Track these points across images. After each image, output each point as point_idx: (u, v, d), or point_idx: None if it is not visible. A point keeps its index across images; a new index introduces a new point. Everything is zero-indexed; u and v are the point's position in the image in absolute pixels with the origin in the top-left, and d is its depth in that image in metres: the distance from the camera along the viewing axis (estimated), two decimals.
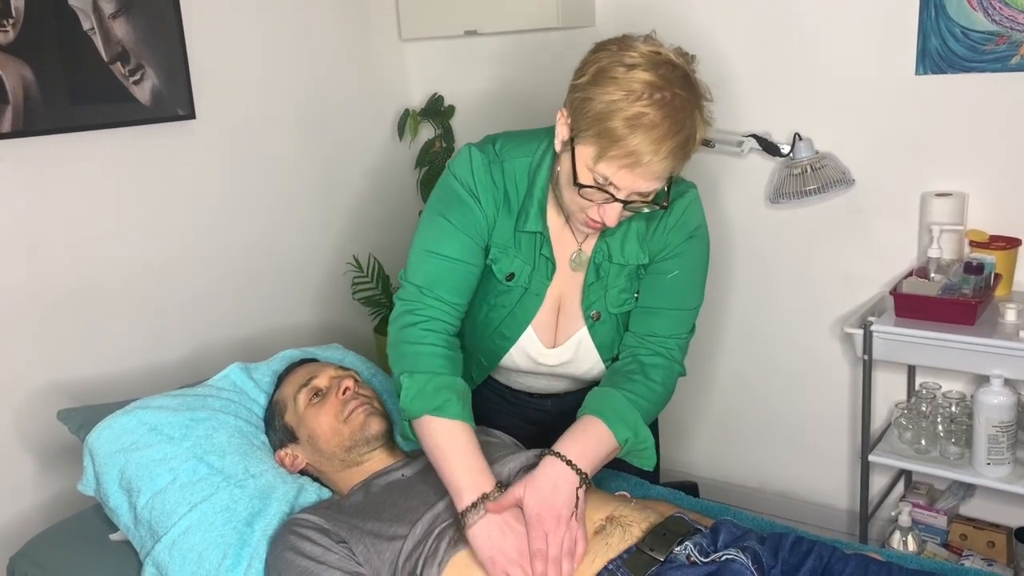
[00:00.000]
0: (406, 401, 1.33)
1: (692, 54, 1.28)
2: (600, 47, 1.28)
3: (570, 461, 1.27)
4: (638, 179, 1.24)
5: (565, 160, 1.31)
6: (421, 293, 1.41)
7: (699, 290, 1.48)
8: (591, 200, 1.29)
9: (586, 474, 1.27)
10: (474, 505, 1.24)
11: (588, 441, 1.31)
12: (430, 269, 1.41)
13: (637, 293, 1.48)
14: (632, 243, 1.43)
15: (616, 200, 1.27)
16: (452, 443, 1.30)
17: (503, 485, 1.29)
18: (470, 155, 1.43)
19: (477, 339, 1.54)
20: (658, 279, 1.46)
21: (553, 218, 1.44)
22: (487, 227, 1.42)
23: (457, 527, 1.27)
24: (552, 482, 1.25)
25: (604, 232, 1.41)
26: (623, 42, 1.27)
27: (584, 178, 1.27)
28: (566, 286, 1.48)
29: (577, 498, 1.24)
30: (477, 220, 1.41)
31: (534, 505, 1.23)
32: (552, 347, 1.50)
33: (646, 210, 1.33)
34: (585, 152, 1.25)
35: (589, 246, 1.46)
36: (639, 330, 1.48)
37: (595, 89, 1.23)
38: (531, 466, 1.36)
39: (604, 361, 1.52)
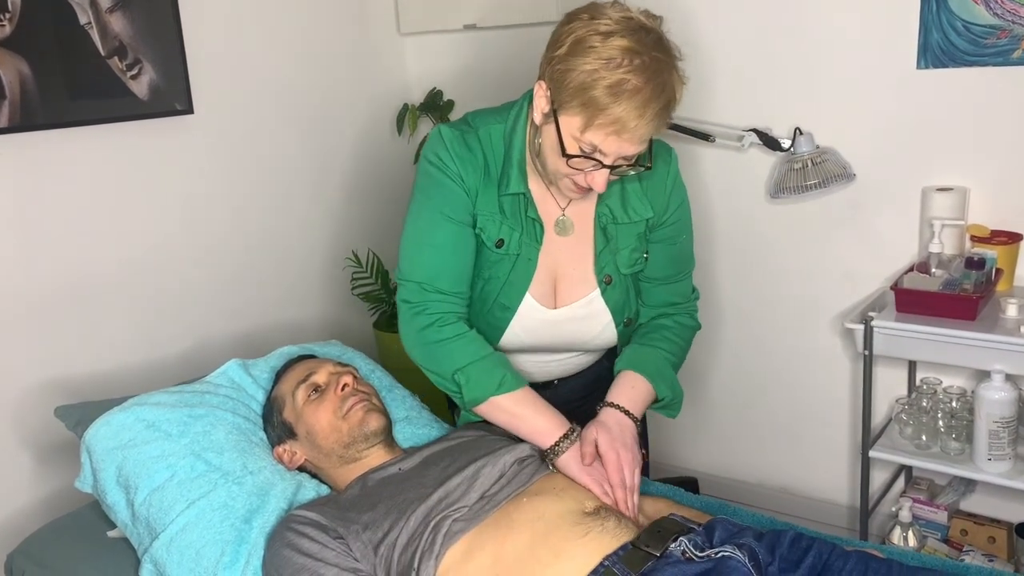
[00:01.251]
0: (469, 394, 1.42)
1: (659, 16, 1.31)
2: (571, 17, 1.31)
3: (627, 411, 1.44)
4: (625, 144, 1.28)
5: (549, 132, 1.33)
6: (423, 290, 1.42)
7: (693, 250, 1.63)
8: (579, 169, 1.33)
9: (639, 420, 1.45)
10: (565, 436, 1.39)
11: (637, 396, 1.47)
12: (426, 262, 1.43)
13: (646, 253, 1.52)
14: (634, 200, 1.49)
15: (604, 166, 1.31)
16: (522, 407, 1.43)
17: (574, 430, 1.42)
18: (440, 132, 1.44)
19: (476, 315, 1.53)
20: (667, 247, 1.54)
21: (533, 183, 1.46)
22: (471, 200, 1.44)
23: (541, 460, 1.41)
24: (617, 424, 1.42)
25: (601, 196, 1.47)
26: (594, 10, 1.29)
27: (571, 148, 1.30)
28: (558, 252, 1.49)
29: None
30: (460, 199, 1.43)
31: (607, 442, 1.37)
32: (555, 308, 1.52)
33: (632, 173, 1.37)
34: (570, 122, 1.29)
35: (573, 211, 1.49)
36: (656, 301, 1.57)
37: (574, 60, 1.26)
38: (525, 458, 1.40)
39: (617, 325, 1.55)
